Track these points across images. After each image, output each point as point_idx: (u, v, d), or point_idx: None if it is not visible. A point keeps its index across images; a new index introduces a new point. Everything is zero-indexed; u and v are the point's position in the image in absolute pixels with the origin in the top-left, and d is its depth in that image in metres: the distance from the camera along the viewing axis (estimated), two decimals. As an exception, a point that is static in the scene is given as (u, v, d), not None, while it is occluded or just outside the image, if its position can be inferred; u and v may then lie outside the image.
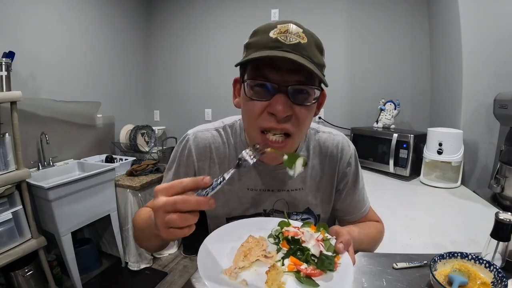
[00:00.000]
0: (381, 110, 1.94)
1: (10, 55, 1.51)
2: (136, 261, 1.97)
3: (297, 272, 0.45)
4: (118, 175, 2.03)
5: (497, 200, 1.19)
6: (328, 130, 0.74)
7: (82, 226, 1.76)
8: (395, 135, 1.61)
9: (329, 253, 0.47)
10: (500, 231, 0.57)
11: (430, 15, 1.96)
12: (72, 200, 1.62)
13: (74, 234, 1.77)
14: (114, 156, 2.25)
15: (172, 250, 2.24)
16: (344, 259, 0.48)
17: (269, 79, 0.51)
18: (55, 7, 1.91)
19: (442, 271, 0.56)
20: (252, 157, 0.46)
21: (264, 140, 0.54)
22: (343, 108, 2.26)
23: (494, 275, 0.53)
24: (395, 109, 1.89)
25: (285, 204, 0.71)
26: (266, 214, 0.71)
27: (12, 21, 1.66)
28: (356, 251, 0.60)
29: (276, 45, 0.49)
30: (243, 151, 0.47)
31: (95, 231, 2.12)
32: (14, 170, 1.44)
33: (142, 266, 1.98)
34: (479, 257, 0.56)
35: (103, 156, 2.19)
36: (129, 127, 2.42)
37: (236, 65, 0.54)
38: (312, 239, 0.48)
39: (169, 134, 2.79)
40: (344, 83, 2.23)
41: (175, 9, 2.65)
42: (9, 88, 1.46)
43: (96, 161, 2.09)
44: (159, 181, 2.09)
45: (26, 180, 1.49)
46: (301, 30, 0.52)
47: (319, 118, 2.29)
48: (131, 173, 2.03)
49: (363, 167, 1.81)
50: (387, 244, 0.82)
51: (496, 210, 0.58)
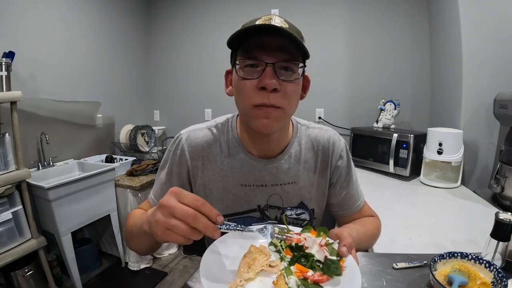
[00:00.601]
0: (381, 110, 1.94)
1: (10, 55, 1.51)
2: (136, 261, 1.97)
3: (305, 280, 0.44)
4: (118, 175, 2.03)
5: (497, 200, 1.19)
6: (319, 126, 0.76)
7: (82, 226, 1.76)
8: (395, 135, 1.61)
9: (334, 258, 0.47)
10: (500, 231, 0.57)
11: (430, 15, 1.96)
12: (72, 200, 1.62)
13: (74, 234, 1.77)
14: (114, 156, 2.25)
15: (172, 250, 2.24)
16: (349, 262, 0.48)
17: (257, 58, 0.55)
18: (55, 7, 1.91)
19: (442, 271, 0.56)
20: (274, 234, 0.50)
21: (258, 112, 0.57)
22: (343, 108, 2.26)
23: (494, 275, 0.53)
24: (395, 109, 1.89)
25: (279, 199, 0.71)
26: (261, 210, 0.71)
27: (12, 21, 1.66)
28: (356, 250, 0.61)
29: (259, 27, 0.54)
30: (270, 226, 0.50)
31: (95, 231, 2.12)
32: (14, 170, 1.44)
33: (142, 266, 1.98)
34: (479, 257, 0.56)
35: (103, 156, 2.19)
36: (129, 127, 2.42)
37: (228, 43, 0.58)
38: (315, 245, 0.48)
39: (169, 134, 2.79)
40: (344, 83, 2.23)
41: (175, 9, 2.65)
42: (9, 88, 1.46)
43: (96, 161, 2.09)
44: (159, 181, 2.10)
45: (26, 180, 1.49)
46: (283, 20, 0.58)
47: (319, 118, 2.29)
48: (131, 173, 2.03)
49: (363, 167, 1.82)
50: (387, 244, 0.82)
51: (496, 210, 0.58)
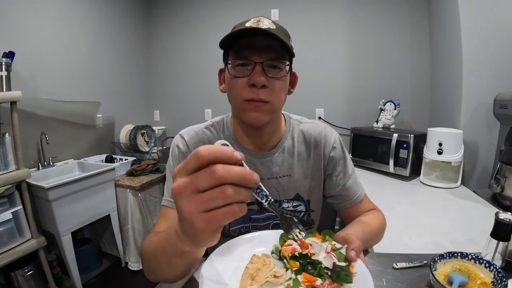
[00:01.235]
0: (381, 110, 1.94)
1: (10, 55, 1.51)
2: (136, 261, 1.97)
3: None
4: (118, 175, 2.03)
5: (497, 200, 1.19)
6: (311, 121, 0.79)
7: (82, 226, 1.76)
8: (395, 135, 1.61)
9: (343, 263, 0.44)
10: (500, 231, 0.57)
11: (430, 15, 1.96)
12: (72, 200, 1.62)
13: (74, 234, 1.77)
14: (114, 156, 2.25)
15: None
16: (359, 267, 0.45)
17: (247, 57, 0.60)
18: (55, 7, 1.91)
19: (442, 271, 0.56)
20: (296, 232, 0.45)
21: (249, 106, 0.62)
22: (343, 108, 2.26)
23: (494, 275, 0.53)
24: (395, 109, 1.89)
25: (276, 192, 0.74)
26: (258, 203, 0.73)
27: (12, 21, 1.66)
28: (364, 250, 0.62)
29: (249, 29, 0.59)
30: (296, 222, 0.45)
31: (95, 231, 2.11)
32: (14, 170, 1.44)
33: (142, 266, 1.99)
34: (479, 257, 0.56)
35: (103, 156, 2.19)
36: (129, 127, 2.42)
37: (220, 45, 0.62)
38: (322, 251, 0.45)
39: (169, 134, 2.79)
40: (344, 83, 2.23)
41: (175, 9, 2.65)
42: (9, 88, 1.45)
43: (96, 161, 2.09)
44: (159, 181, 2.10)
45: (26, 180, 1.49)
46: (271, 21, 0.62)
47: (319, 118, 2.29)
48: (131, 173, 2.03)
49: (363, 167, 1.82)
50: (387, 244, 0.82)
51: (496, 210, 0.58)
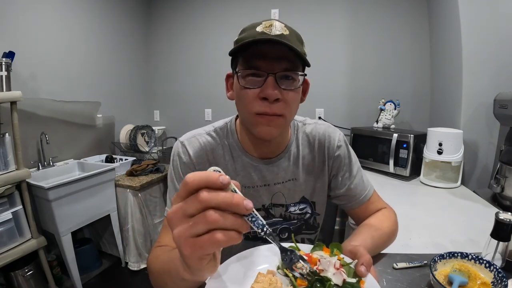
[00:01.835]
0: (381, 110, 1.94)
1: (10, 55, 1.51)
2: (136, 261, 1.97)
3: None
4: (118, 175, 2.03)
5: (497, 200, 1.19)
6: (314, 121, 0.78)
7: (82, 226, 1.76)
8: (395, 135, 1.61)
9: (353, 280, 0.42)
10: (500, 231, 0.57)
11: (430, 15, 1.96)
12: (72, 200, 1.62)
13: (74, 234, 1.77)
14: (114, 156, 2.24)
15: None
16: (370, 283, 0.43)
17: (259, 68, 0.56)
18: (55, 7, 1.91)
19: (442, 271, 0.56)
20: (294, 267, 0.41)
21: (261, 120, 0.58)
22: (343, 108, 2.26)
23: (494, 275, 0.53)
24: (395, 109, 1.89)
25: (282, 197, 0.73)
26: (266, 209, 0.73)
27: (12, 21, 1.66)
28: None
29: (263, 36, 0.54)
30: (297, 256, 0.42)
31: (95, 231, 2.11)
32: (14, 170, 1.44)
33: (142, 266, 1.98)
34: (479, 257, 0.56)
35: (103, 156, 2.19)
36: (129, 127, 2.42)
37: (230, 54, 0.59)
38: (331, 267, 0.42)
39: (169, 134, 2.79)
40: (344, 83, 2.23)
41: (175, 9, 2.65)
42: (9, 88, 1.45)
43: (96, 161, 2.09)
44: (159, 181, 2.10)
45: (26, 180, 1.49)
46: (284, 25, 0.58)
47: (319, 118, 2.29)
48: (131, 173, 2.03)
49: (363, 167, 1.80)
50: (387, 244, 0.81)
51: (496, 210, 0.58)
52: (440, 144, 1.40)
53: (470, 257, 0.57)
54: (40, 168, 1.77)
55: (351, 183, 0.74)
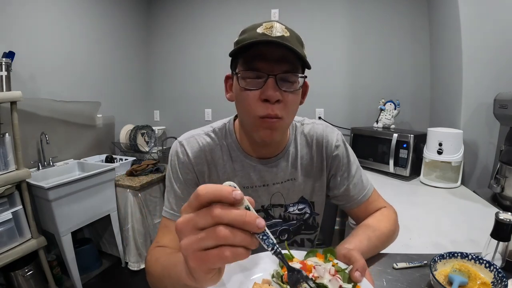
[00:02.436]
0: (381, 110, 1.94)
1: (10, 55, 1.51)
2: (136, 261, 1.97)
3: None
4: (118, 175, 2.03)
5: (497, 200, 1.19)
6: (312, 121, 0.78)
7: (82, 226, 1.76)
8: (395, 135, 1.61)
9: (349, 286, 0.43)
10: (500, 231, 0.57)
11: (430, 15, 1.96)
12: (72, 200, 1.62)
13: (74, 234, 1.77)
14: (114, 156, 2.24)
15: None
16: (365, 287, 0.44)
17: (259, 69, 0.56)
18: (56, 7, 1.91)
19: (442, 271, 0.56)
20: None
21: (262, 123, 0.58)
22: (343, 108, 2.26)
23: (494, 275, 0.53)
24: (395, 109, 1.89)
25: (281, 197, 0.73)
26: (265, 210, 0.73)
27: (12, 21, 1.66)
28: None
29: (263, 37, 0.54)
30: (303, 276, 0.41)
31: (95, 231, 2.11)
32: (14, 170, 1.44)
33: (142, 266, 1.98)
34: (479, 257, 0.56)
35: (103, 156, 2.19)
36: (129, 127, 2.41)
37: (230, 55, 0.59)
38: (326, 273, 0.43)
39: (169, 134, 2.79)
40: (344, 83, 2.23)
41: (175, 10, 2.65)
42: (9, 88, 1.45)
43: (96, 161, 2.09)
44: (159, 181, 2.10)
45: (26, 180, 1.49)
46: (284, 27, 0.58)
47: (319, 118, 2.29)
48: (131, 173, 2.03)
49: (363, 167, 1.80)
50: (387, 244, 0.81)
51: (496, 210, 0.58)
52: (440, 144, 1.40)
53: (470, 257, 0.57)
54: (40, 168, 1.77)
55: (350, 183, 0.74)
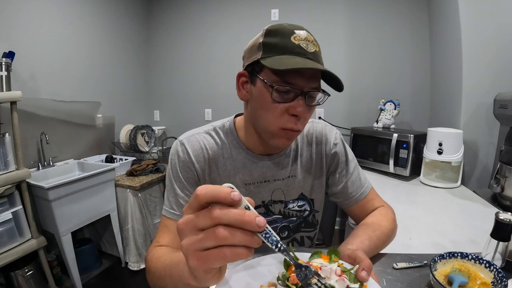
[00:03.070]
0: (381, 110, 1.94)
1: (10, 55, 1.51)
2: (136, 261, 1.97)
3: None
4: (118, 175, 2.03)
5: (497, 200, 1.19)
6: (311, 120, 0.78)
7: (82, 226, 1.76)
8: (395, 135, 1.61)
9: (356, 286, 0.43)
10: (500, 231, 0.57)
11: (430, 15, 1.96)
12: (72, 200, 1.62)
13: (74, 234, 1.77)
14: (114, 156, 2.24)
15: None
16: (372, 286, 0.44)
17: (293, 84, 0.56)
18: (56, 7, 1.91)
19: (442, 271, 0.56)
20: (310, 282, 0.40)
21: (284, 134, 0.61)
22: (343, 108, 2.26)
23: (494, 275, 0.53)
24: (395, 109, 1.89)
25: (282, 193, 0.74)
26: (265, 206, 0.74)
27: (12, 21, 1.66)
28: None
29: (302, 52, 0.56)
30: (312, 271, 0.41)
31: (95, 231, 2.11)
32: (14, 170, 1.44)
33: (142, 266, 1.98)
34: (479, 257, 0.56)
35: (103, 156, 2.19)
36: (129, 127, 2.41)
37: (276, 72, 0.55)
38: (333, 274, 0.43)
39: (169, 134, 2.79)
40: (344, 83, 2.19)
41: (175, 10, 2.65)
42: (9, 88, 1.45)
43: (96, 161, 2.09)
44: (159, 181, 2.10)
45: (26, 180, 1.49)
46: (313, 38, 0.59)
47: (319, 118, 2.29)
48: (131, 173, 2.03)
49: (363, 167, 1.81)
50: (387, 244, 0.81)
51: (496, 210, 0.58)
52: (440, 144, 1.40)
53: (470, 257, 0.57)
54: (40, 168, 1.77)
55: (348, 180, 0.75)
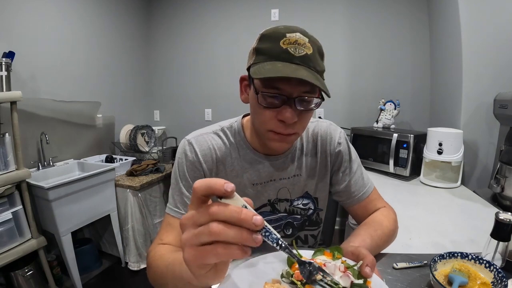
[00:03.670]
0: (381, 110, 1.94)
1: (10, 55, 1.51)
2: (136, 261, 1.97)
3: None
4: (118, 175, 2.03)
5: (497, 200, 1.19)
6: (316, 120, 0.80)
7: (82, 226, 1.76)
8: (395, 135, 1.61)
9: (360, 281, 0.43)
10: (500, 231, 0.57)
11: (430, 15, 1.96)
12: (72, 200, 1.62)
13: (74, 234, 1.77)
14: (114, 156, 2.24)
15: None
16: (375, 282, 0.44)
17: (280, 90, 0.56)
18: (56, 7, 1.91)
19: (442, 271, 0.56)
20: (314, 278, 0.40)
21: (274, 137, 0.61)
22: (343, 108, 2.26)
23: (494, 275, 0.53)
24: (395, 109, 1.89)
25: (287, 192, 0.75)
26: (271, 204, 0.75)
27: (12, 21, 1.66)
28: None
29: (287, 57, 0.54)
30: (316, 267, 0.41)
31: (95, 231, 2.11)
32: (14, 170, 1.44)
33: (142, 266, 1.98)
34: (479, 257, 0.56)
35: (103, 156, 2.19)
36: (129, 127, 2.41)
37: (256, 78, 0.57)
38: (337, 270, 0.43)
39: (169, 134, 2.79)
40: (344, 83, 2.23)
41: (175, 10, 2.65)
42: (9, 88, 1.45)
43: (96, 161, 2.09)
44: (159, 181, 2.10)
45: (26, 180, 1.49)
46: (307, 40, 0.57)
47: (319, 118, 2.29)
48: (131, 173, 2.03)
49: (363, 167, 1.81)
50: (387, 244, 0.81)
51: (496, 210, 0.58)
52: (440, 144, 1.40)
53: (470, 257, 0.57)
54: (40, 168, 1.77)
55: (351, 179, 0.76)
